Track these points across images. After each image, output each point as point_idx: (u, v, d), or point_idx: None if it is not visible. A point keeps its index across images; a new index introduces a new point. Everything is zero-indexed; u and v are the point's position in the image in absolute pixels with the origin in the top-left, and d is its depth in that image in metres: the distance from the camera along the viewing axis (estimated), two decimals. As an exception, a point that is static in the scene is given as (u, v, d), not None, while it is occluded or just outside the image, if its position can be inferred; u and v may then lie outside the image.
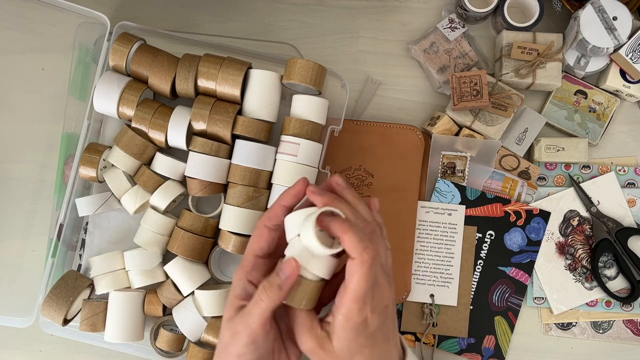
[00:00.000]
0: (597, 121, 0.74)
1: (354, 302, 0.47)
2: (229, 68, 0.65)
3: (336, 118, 0.69)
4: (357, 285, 0.47)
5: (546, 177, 0.74)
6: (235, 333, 0.49)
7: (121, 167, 0.66)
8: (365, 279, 0.47)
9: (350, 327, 0.47)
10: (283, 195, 0.52)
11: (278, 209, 0.51)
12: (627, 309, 0.72)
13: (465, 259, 0.72)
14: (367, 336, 0.48)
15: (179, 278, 0.65)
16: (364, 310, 0.47)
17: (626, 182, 0.73)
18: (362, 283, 0.47)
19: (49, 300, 0.64)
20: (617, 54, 0.70)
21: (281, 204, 0.51)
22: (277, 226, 0.51)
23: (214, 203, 0.70)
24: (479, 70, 0.69)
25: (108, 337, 0.65)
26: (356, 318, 0.47)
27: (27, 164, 0.74)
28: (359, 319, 0.47)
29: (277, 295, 0.48)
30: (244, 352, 0.48)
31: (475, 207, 0.72)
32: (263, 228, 0.51)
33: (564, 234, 0.73)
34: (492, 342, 0.72)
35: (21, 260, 0.73)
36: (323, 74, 0.65)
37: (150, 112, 0.65)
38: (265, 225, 0.51)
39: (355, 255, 0.46)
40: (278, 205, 0.51)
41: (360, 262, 0.46)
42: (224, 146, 0.66)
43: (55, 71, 0.74)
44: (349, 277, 0.47)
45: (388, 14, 0.76)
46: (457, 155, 0.72)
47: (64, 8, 0.70)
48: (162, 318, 0.68)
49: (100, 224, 0.70)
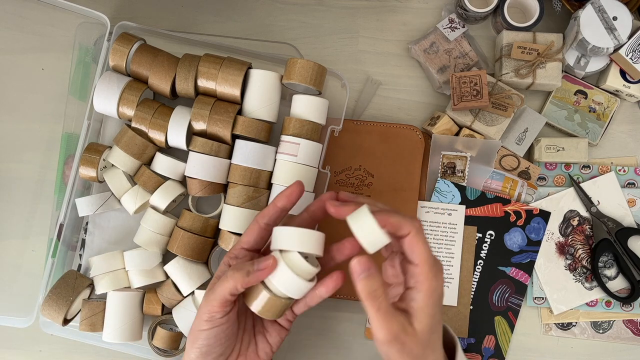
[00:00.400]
0: (597, 121, 0.74)
1: (430, 272, 0.47)
2: (229, 68, 0.65)
3: (336, 118, 0.69)
4: (425, 253, 0.47)
5: (546, 177, 0.74)
6: (200, 308, 0.52)
7: (121, 167, 0.66)
8: (427, 245, 0.48)
9: (433, 302, 0.48)
10: (278, 196, 0.53)
11: (272, 209, 0.53)
12: (627, 309, 0.72)
13: (465, 259, 0.72)
14: (440, 309, 0.49)
15: (179, 278, 0.65)
16: (439, 277, 0.48)
17: (626, 182, 0.73)
18: (427, 249, 0.48)
19: (49, 300, 0.64)
20: (617, 54, 0.70)
21: (276, 205, 0.53)
22: (268, 225, 0.53)
23: (214, 203, 0.70)
24: (479, 70, 0.69)
25: (106, 337, 0.65)
26: (436, 287, 0.48)
27: (27, 164, 0.74)
28: (439, 289, 0.48)
29: (241, 279, 0.49)
30: (202, 327, 0.51)
31: (475, 207, 0.72)
32: (255, 223, 0.54)
33: (564, 234, 0.73)
34: (492, 342, 0.72)
35: (21, 260, 0.73)
36: (323, 74, 0.65)
37: (150, 112, 0.65)
38: (257, 222, 0.53)
39: (409, 227, 0.47)
40: (273, 206, 0.53)
41: (416, 231, 0.47)
42: (224, 146, 0.66)
43: (55, 71, 0.74)
44: (413, 251, 0.48)
45: (388, 14, 0.76)
46: (457, 155, 0.72)
47: (64, 8, 0.70)
48: (159, 317, 0.68)
49: (100, 224, 0.70)
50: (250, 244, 0.54)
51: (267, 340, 0.56)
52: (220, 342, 0.52)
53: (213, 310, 0.50)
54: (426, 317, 0.48)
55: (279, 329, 0.56)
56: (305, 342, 0.72)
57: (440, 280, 0.48)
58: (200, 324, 0.51)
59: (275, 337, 0.56)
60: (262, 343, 0.56)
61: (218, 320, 0.51)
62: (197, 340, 0.52)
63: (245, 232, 0.54)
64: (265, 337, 0.56)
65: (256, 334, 0.56)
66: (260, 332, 0.56)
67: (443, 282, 0.49)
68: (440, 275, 0.48)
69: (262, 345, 0.56)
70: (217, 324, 0.51)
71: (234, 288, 0.50)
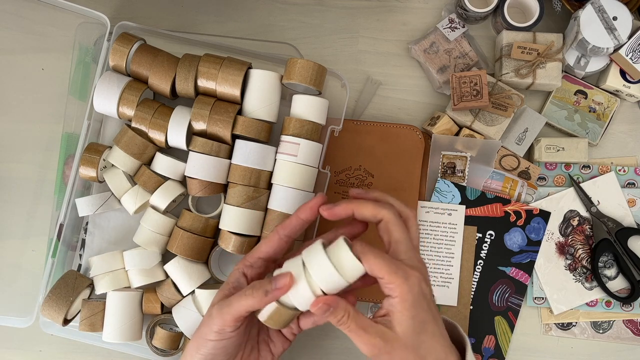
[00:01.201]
0: (597, 121, 0.74)
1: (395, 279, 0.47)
2: (229, 68, 0.65)
3: (336, 118, 0.69)
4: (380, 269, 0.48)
5: (546, 177, 0.74)
6: (210, 316, 0.51)
7: (121, 167, 0.66)
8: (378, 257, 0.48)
9: (410, 304, 0.47)
10: (301, 208, 0.53)
11: (295, 220, 0.53)
12: (627, 309, 0.72)
13: (465, 259, 0.72)
14: (427, 308, 0.49)
15: (179, 278, 0.65)
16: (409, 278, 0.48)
17: (626, 182, 0.73)
18: (380, 260, 0.48)
19: (49, 300, 0.64)
20: (617, 54, 0.70)
21: (299, 217, 0.53)
22: (288, 237, 0.53)
23: (214, 203, 0.70)
24: (479, 70, 0.69)
25: (106, 337, 0.65)
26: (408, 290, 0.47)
27: (27, 164, 0.74)
28: (413, 289, 0.48)
29: (260, 299, 0.49)
30: (210, 337, 0.51)
31: (475, 207, 0.72)
32: (275, 234, 0.53)
33: (564, 234, 0.73)
34: (492, 342, 0.72)
35: (21, 260, 0.73)
36: (323, 74, 0.65)
37: (150, 112, 0.65)
38: (277, 233, 0.53)
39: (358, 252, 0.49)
40: (295, 217, 0.53)
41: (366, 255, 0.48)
42: (224, 146, 0.66)
43: (55, 71, 0.74)
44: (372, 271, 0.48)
45: (388, 14, 0.76)
46: (457, 155, 0.72)
47: (64, 8, 0.70)
48: (158, 316, 0.68)
49: (100, 224, 0.70)
50: (268, 254, 0.54)
51: (270, 349, 0.56)
52: (225, 352, 0.52)
53: (226, 324, 0.50)
54: (406, 320, 0.48)
55: (283, 340, 0.56)
56: (307, 342, 0.72)
57: (412, 280, 0.48)
58: (208, 333, 0.51)
59: (279, 348, 0.56)
60: (264, 352, 0.56)
61: (228, 334, 0.51)
62: (202, 348, 0.52)
63: (263, 241, 0.54)
64: (268, 347, 0.56)
65: (260, 343, 0.56)
66: (264, 341, 0.56)
67: (419, 281, 0.48)
68: (411, 277, 0.48)
69: (265, 354, 0.56)
70: (226, 337, 0.51)
71: (251, 306, 0.50)
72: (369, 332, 0.48)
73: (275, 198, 0.65)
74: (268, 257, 0.54)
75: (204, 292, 0.65)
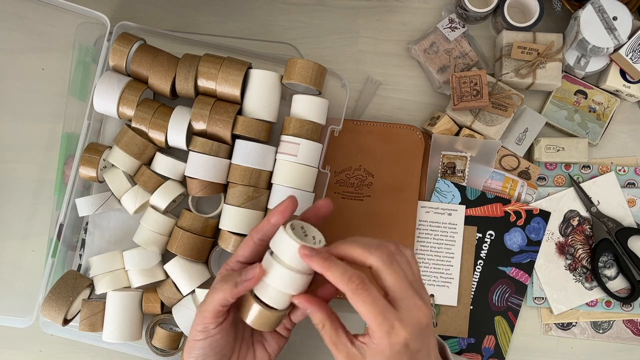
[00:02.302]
0: (597, 121, 0.74)
1: (378, 330, 0.46)
2: (229, 68, 0.65)
3: (336, 118, 0.69)
4: (365, 312, 0.46)
5: (546, 177, 0.74)
6: (195, 318, 0.52)
7: (121, 167, 0.66)
8: (368, 303, 0.46)
9: (387, 356, 0.46)
10: (272, 212, 0.52)
11: (266, 225, 0.53)
12: (627, 309, 0.72)
13: (465, 259, 0.72)
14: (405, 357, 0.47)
15: (179, 277, 0.65)
16: (395, 335, 0.45)
17: (626, 182, 0.73)
18: (368, 307, 0.46)
19: (48, 300, 0.64)
20: (617, 54, 0.70)
21: (269, 221, 0.52)
22: (261, 241, 0.53)
23: (214, 203, 0.70)
24: (479, 70, 0.69)
25: (106, 336, 0.65)
26: (390, 344, 0.46)
27: (27, 164, 0.74)
28: (396, 345, 0.46)
29: (230, 290, 0.50)
30: (196, 337, 0.52)
31: (475, 207, 0.72)
32: (249, 238, 0.54)
33: (564, 234, 0.73)
34: (492, 342, 0.72)
35: (21, 260, 0.73)
36: (323, 74, 0.65)
37: (150, 112, 0.65)
38: (252, 237, 0.53)
39: (343, 287, 0.46)
40: (266, 222, 0.53)
41: (351, 292, 0.46)
42: (224, 146, 0.66)
43: (55, 71, 0.74)
44: (358, 311, 0.46)
45: (388, 14, 0.76)
46: (457, 155, 0.72)
47: (64, 8, 0.70)
48: (158, 316, 0.68)
49: (100, 224, 0.70)
50: (245, 258, 0.54)
51: (265, 349, 0.56)
52: (215, 351, 0.53)
53: (206, 321, 0.51)
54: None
55: (278, 337, 0.56)
56: (305, 342, 0.72)
57: (394, 339, 0.45)
58: (195, 334, 0.52)
59: (274, 346, 0.56)
60: (260, 351, 0.56)
61: (212, 331, 0.52)
62: (193, 350, 0.53)
63: (240, 245, 0.54)
64: (263, 346, 0.56)
65: (254, 343, 0.56)
66: (259, 341, 0.56)
67: (404, 340, 0.45)
68: (396, 335, 0.45)
69: (261, 353, 0.56)
70: (211, 334, 0.52)
71: (223, 299, 0.50)
72: (339, 350, 0.48)
73: (275, 198, 0.65)
74: (246, 261, 0.54)
75: (204, 292, 0.65)
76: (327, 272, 0.47)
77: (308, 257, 0.48)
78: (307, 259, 0.48)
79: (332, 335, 0.49)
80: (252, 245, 0.53)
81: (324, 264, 0.47)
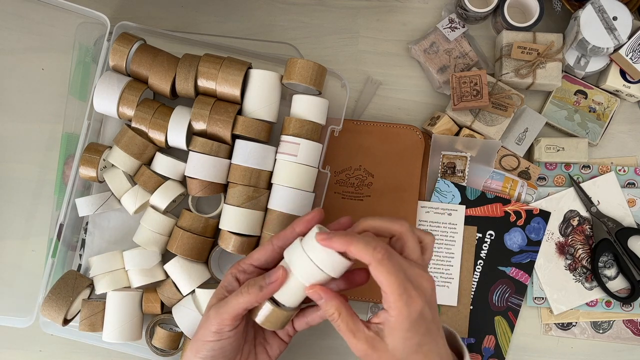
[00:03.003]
0: (597, 121, 0.74)
1: (398, 300, 0.47)
2: (229, 68, 0.65)
3: (336, 118, 0.69)
4: (389, 285, 0.47)
5: (546, 177, 0.74)
6: (207, 319, 0.52)
7: (121, 167, 0.66)
8: (393, 275, 0.47)
9: (407, 327, 0.47)
10: (298, 221, 0.53)
11: (290, 233, 0.53)
12: (627, 309, 0.72)
13: (465, 259, 0.72)
14: (424, 331, 0.48)
15: (179, 277, 0.65)
16: (412, 303, 0.47)
17: (626, 182, 0.73)
18: (392, 278, 0.47)
19: (48, 300, 0.64)
20: (617, 54, 0.70)
21: (294, 229, 0.53)
22: (281, 248, 0.54)
23: (214, 203, 0.70)
24: (479, 70, 0.69)
25: (106, 336, 0.65)
26: (408, 314, 0.47)
27: (27, 164, 0.74)
28: (413, 314, 0.47)
29: (255, 295, 0.50)
30: (208, 338, 0.52)
31: (475, 207, 0.72)
32: (269, 244, 0.54)
33: (564, 234, 0.73)
34: (492, 342, 0.72)
35: (21, 260, 0.73)
36: (323, 74, 0.65)
37: (150, 112, 0.65)
38: (272, 243, 0.54)
39: (369, 258, 0.47)
40: (291, 230, 0.53)
41: (376, 263, 0.47)
42: (224, 146, 0.66)
43: (55, 71, 0.74)
44: (379, 281, 0.47)
45: (388, 14, 0.76)
46: (457, 155, 0.72)
47: (64, 8, 0.70)
48: (158, 316, 0.68)
49: (100, 224, 0.70)
50: (260, 262, 0.54)
51: (267, 351, 0.56)
52: (224, 354, 0.53)
53: (224, 323, 0.51)
54: (398, 339, 0.47)
55: (280, 342, 0.57)
56: (306, 342, 0.72)
57: (413, 307, 0.47)
58: (206, 334, 0.52)
59: (275, 350, 0.57)
60: (261, 354, 0.56)
61: (227, 334, 0.52)
62: (202, 351, 0.52)
63: (257, 249, 0.55)
64: (265, 349, 0.56)
65: (257, 345, 0.56)
66: (261, 343, 0.57)
67: (421, 307, 0.47)
68: (414, 303, 0.47)
69: (262, 356, 0.56)
70: (225, 337, 0.52)
71: (248, 303, 0.51)
72: (357, 337, 0.48)
73: (275, 198, 0.65)
74: (260, 265, 0.55)
75: (204, 292, 0.65)
76: (350, 247, 0.47)
77: (327, 239, 0.48)
78: (326, 242, 0.48)
79: (348, 322, 0.49)
80: (270, 251, 0.54)
81: (344, 240, 0.48)
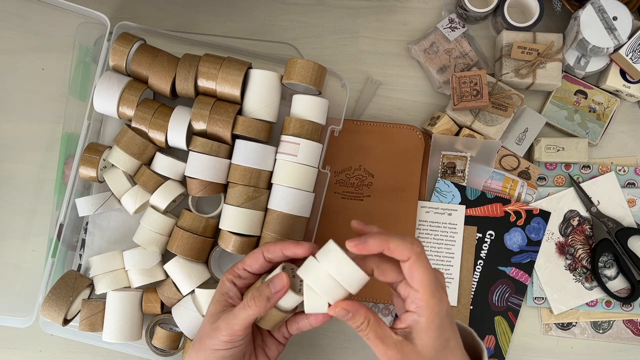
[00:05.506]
0: (597, 121, 0.74)
1: (432, 298, 0.47)
2: (229, 68, 0.65)
3: (336, 118, 0.69)
4: (426, 280, 0.47)
5: (546, 177, 0.74)
6: (216, 329, 0.53)
7: (121, 167, 0.66)
8: (429, 271, 0.47)
9: (437, 325, 0.48)
10: (290, 245, 0.53)
11: (279, 251, 0.54)
12: (627, 309, 0.72)
13: (465, 259, 0.72)
14: (450, 327, 0.49)
15: (179, 277, 0.65)
16: (442, 300, 0.48)
17: (626, 182, 0.73)
18: (429, 275, 0.47)
19: (48, 300, 0.64)
20: (617, 54, 0.70)
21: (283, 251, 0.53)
22: (270, 260, 0.55)
23: (214, 203, 0.70)
24: (479, 70, 0.69)
25: (106, 336, 0.65)
26: (439, 311, 0.47)
27: (27, 164, 0.74)
28: (442, 312, 0.48)
29: (264, 305, 0.51)
30: (219, 347, 0.52)
31: (475, 207, 0.72)
32: (260, 253, 0.55)
33: (564, 234, 0.73)
34: (492, 342, 0.72)
35: (21, 260, 0.73)
36: (323, 74, 0.65)
37: (150, 112, 0.65)
38: (263, 253, 0.55)
39: (408, 252, 0.47)
40: (280, 249, 0.54)
41: (416, 257, 0.47)
42: (224, 146, 0.66)
43: (55, 71, 0.74)
44: (414, 277, 0.48)
45: (388, 14, 0.76)
46: (457, 155, 0.72)
47: (64, 8, 0.70)
48: (158, 316, 0.68)
49: (100, 224, 0.70)
50: (252, 269, 0.55)
51: (266, 354, 0.58)
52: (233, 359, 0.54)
53: (236, 334, 0.52)
54: (429, 338, 0.48)
55: (277, 344, 0.58)
56: (305, 341, 0.72)
57: (444, 303, 0.48)
58: (216, 344, 0.52)
59: (274, 352, 0.58)
60: (261, 356, 0.57)
61: (238, 342, 0.53)
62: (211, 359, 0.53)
63: (250, 255, 0.55)
64: (264, 351, 0.58)
65: (256, 348, 0.58)
66: (260, 346, 0.58)
67: (447, 305, 0.49)
68: (444, 302, 0.48)
69: (262, 358, 0.57)
70: (236, 345, 0.53)
71: (258, 314, 0.52)
72: (387, 343, 0.48)
73: (275, 198, 0.65)
74: (253, 272, 0.56)
75: (204, 292, 0.65)
76: (388, 245, 0.48)
77: (361, 244, 0.48)
78: (361, 247, 0.48)
79: (377, 329, 0.49)
80: (261, 261, 0.55)
81: (380, 239, 0.48)
